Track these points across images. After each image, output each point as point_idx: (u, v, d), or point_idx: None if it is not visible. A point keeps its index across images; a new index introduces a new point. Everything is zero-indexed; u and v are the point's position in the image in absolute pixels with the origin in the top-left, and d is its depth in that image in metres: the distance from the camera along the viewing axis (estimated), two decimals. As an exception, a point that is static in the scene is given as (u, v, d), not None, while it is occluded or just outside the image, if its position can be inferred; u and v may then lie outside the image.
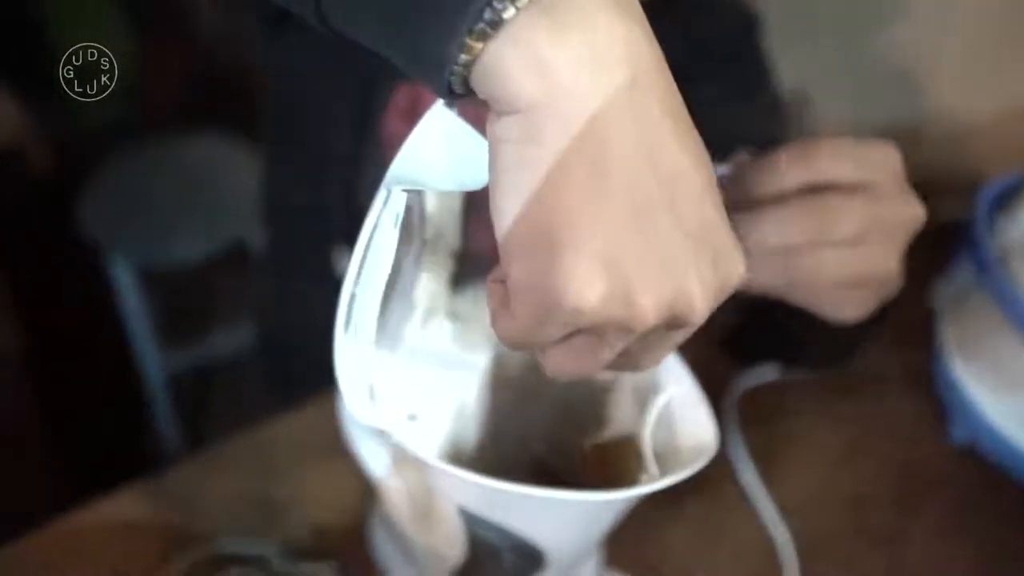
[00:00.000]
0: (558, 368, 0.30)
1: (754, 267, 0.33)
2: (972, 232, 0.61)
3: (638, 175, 0.27)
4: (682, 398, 0.39)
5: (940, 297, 0.68)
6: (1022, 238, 0.59)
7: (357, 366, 0.32)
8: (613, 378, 0.42)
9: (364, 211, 0.31)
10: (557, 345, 0.29)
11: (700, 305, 0.28)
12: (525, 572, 0.43)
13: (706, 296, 0.28)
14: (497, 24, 0.25)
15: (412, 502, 0.43)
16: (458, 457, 0.40)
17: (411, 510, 0.43)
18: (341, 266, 0.64)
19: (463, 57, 0.26)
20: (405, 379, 0.38)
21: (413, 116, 0.49)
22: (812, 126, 0.86)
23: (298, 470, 0.56)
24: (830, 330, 0.44)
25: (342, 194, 0.63)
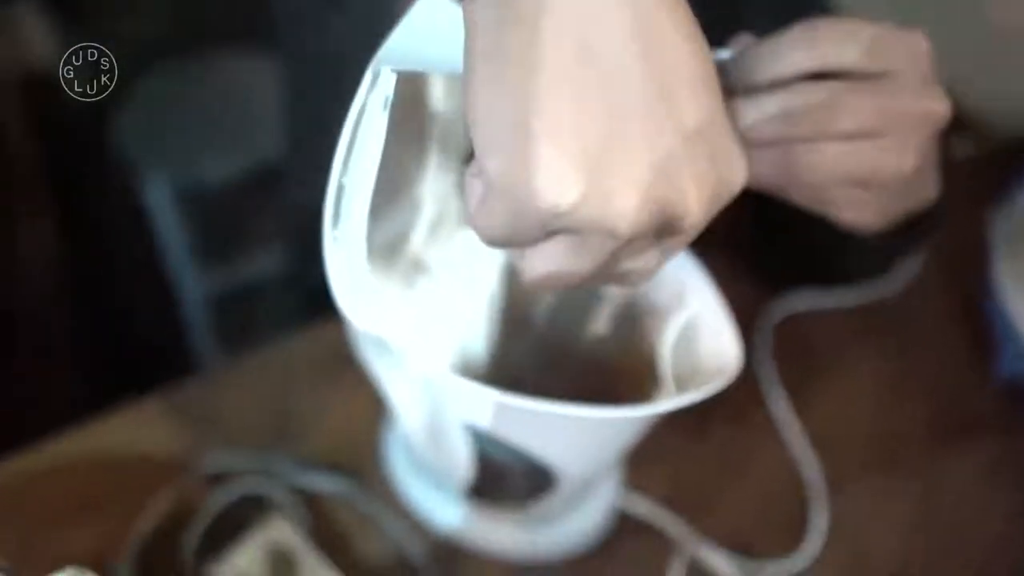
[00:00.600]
0: (535, 273, 0.28)
1: (751, 160, 0.30)
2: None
3: (629, 62, 0.24)
4: (705, 316, 0.36)
5: (996, 225, 0.64)
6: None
7: (348, 264, 0.31)
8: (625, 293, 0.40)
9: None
10: (537, 248, 0.27)
11: (695, 208, 0.25)
12: (537, 491, 0.42)
13: (701, 198, 0.25)
14: None
15: (422, 418, 0.42)
16: (466, 372, 0.38)
17: (421, 427, 0.42)
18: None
19: None
20: (410, 288, 0.36)
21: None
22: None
23: (315, 386, 0.55)
24: (857, 241, 0.41)
25: None
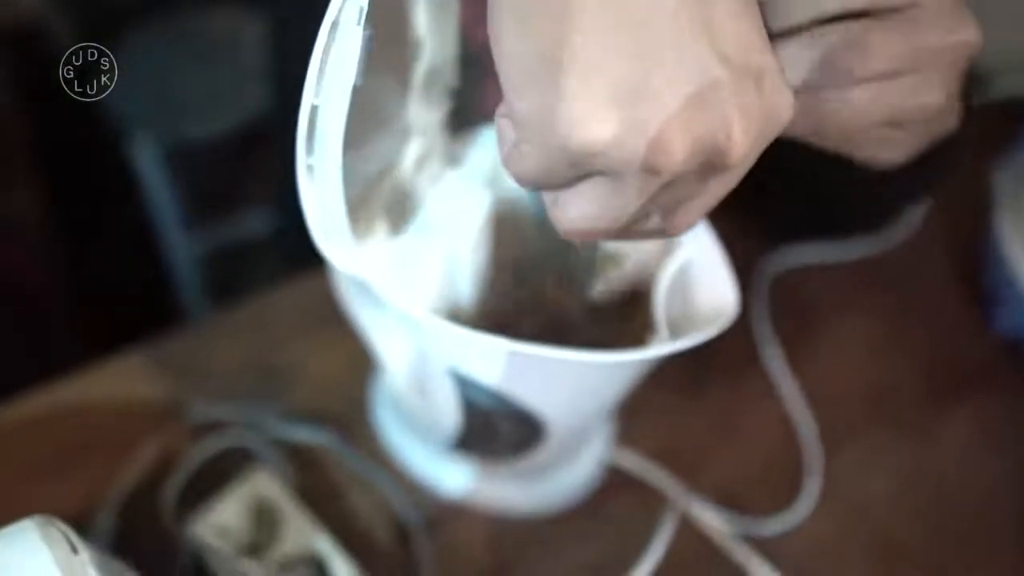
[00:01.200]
0: (569, 221, 0.26)
1: None
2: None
3: None
4: (700, 259, 0.35)
5: (999, 179, 0.62)
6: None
7: (324, 197, 0.29)
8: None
9: None
10: (571, 192, 0.25)
11: (740, 138, 0.23)
12: (526, 442, 0.41)
13: (748, 128, 0.24)
14: None
15: (407, 366, 0.40)
16: (450, 316, 0.37)
17: (406, 375, 0.41)
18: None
19: None
20: (392, 228, 0.34)
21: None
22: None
23: (302, 339, 0.54)
24: (868, 184, 0.39)
25: None
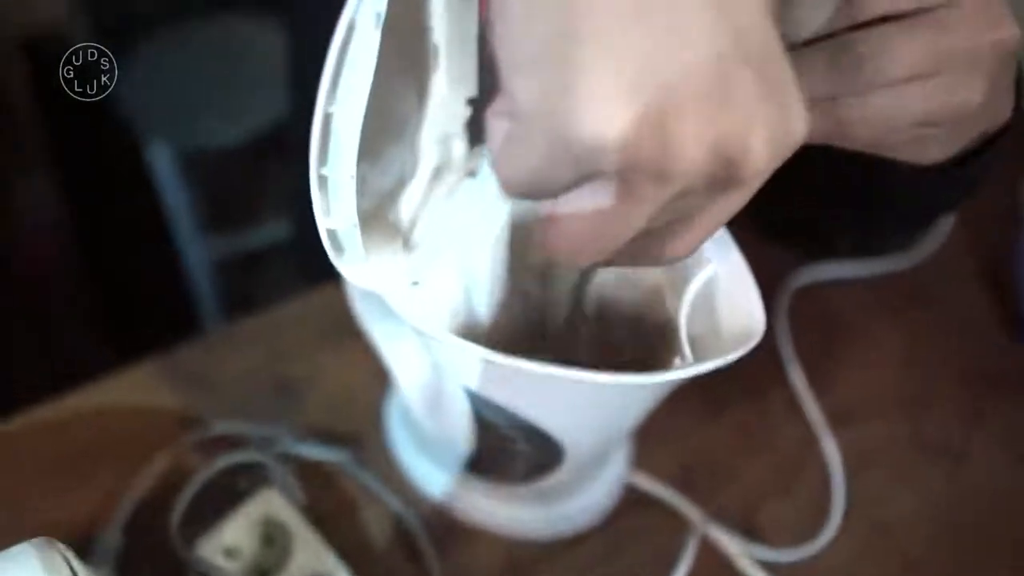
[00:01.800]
0: (564, 237, 0.24)
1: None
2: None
3: None
4: (727, 276, 0.34)
5: (1028, 191, 0.61)
6: None
7: (338, 207, 0.28)
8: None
9: None
10: (569, 199, 0.23)
11: (760, 149, 0.21)
12: (542, 466, 0.39)
13: (770, 141, 0.22)
14: None
15: (421, 384, 0.39)
16: (466, 332, 0.36)
17: (420, 394, 0.40)
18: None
19: None
20: (408, 242, 0.33)
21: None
22: None
23: (316, 352, 0.53)
24: (907, 193, 0.37)
25: None
